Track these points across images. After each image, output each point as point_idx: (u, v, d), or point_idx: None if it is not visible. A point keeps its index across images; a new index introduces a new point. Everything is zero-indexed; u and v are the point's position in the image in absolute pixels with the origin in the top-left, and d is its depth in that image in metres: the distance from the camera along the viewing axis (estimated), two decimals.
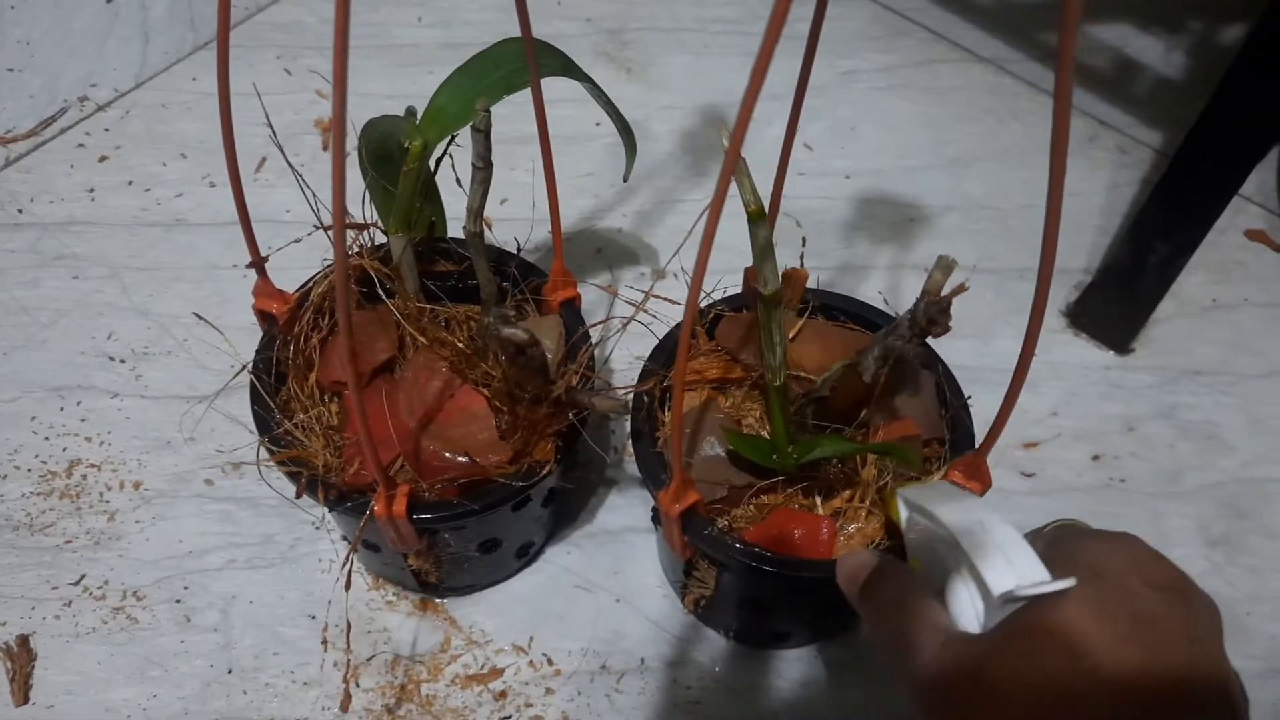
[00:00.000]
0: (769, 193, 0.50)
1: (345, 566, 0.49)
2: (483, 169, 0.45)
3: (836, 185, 0.82)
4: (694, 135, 0.85)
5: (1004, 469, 0.65)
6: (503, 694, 0.55)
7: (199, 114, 0.83)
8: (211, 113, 0.74)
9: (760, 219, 0.41)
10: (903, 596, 0.38)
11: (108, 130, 0.82)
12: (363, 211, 0.52)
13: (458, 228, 0.50)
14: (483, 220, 0.48)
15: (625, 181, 0.56)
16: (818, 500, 0.51)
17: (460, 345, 0.54)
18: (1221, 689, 0.31)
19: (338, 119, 0.30)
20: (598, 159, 0.82)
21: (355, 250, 0.54)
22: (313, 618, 0.57)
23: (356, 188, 0.46)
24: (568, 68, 0.51)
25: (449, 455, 0.49)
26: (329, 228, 0.48)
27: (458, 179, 0.50)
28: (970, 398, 0.52)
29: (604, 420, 0.66)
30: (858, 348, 0.46)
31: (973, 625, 0.35)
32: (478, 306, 0.56)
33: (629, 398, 0.52)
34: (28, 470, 0.62)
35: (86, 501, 0.61)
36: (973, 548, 0.35)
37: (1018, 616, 0.32)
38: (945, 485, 0.45)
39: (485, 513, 0.48)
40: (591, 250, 0.76)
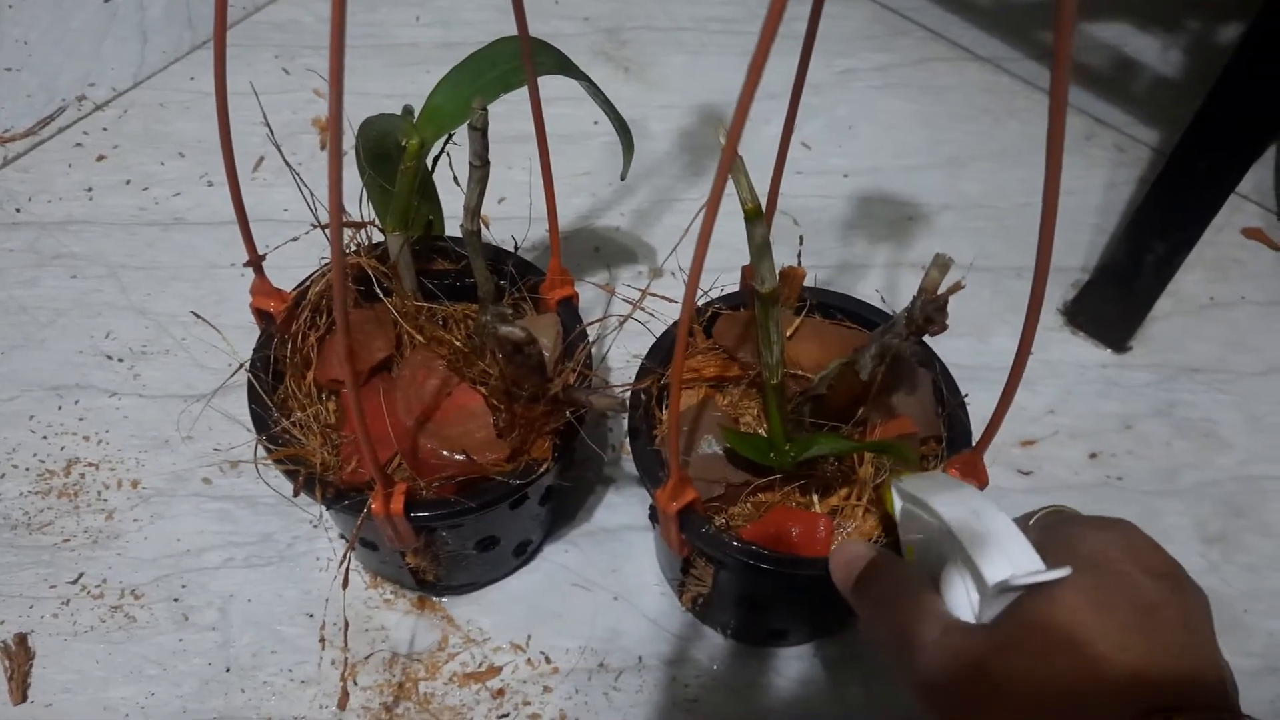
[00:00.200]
0: (766, 191, 0.50)
1: (343, 565, 0.49)
2: (480, 167, 0.45)
3: (834, 184, 0.82)
4: (691, 134, 0.85)
5: (1001, 467, 0.65)
6: (500, 692, 0.55)
7: (197, 113, 0.83)
8: (209, 112, 0.74)
9: (757, 217, 0.41)
10: (899, 589, 0.38)
11: (106, 129, 0.82)
12: (360, 210, 0.52)
13: (455, 226, 0.50)
14: (480, 219, 0.48)
15: (623, 180, 0.56)
16: (815, 498, 0.51)
17: (458, 344, 0.54)
18: (1218, 676, 0.31)
19: (334, 118, 0.30)
20: (595, 158, 0.82)
21: (353, 249, 0.54)
22: (310, 616, 0.57)
23: (354, 186, 0.46)
24: (565, 66, 0.51)
25: (446, 453, 0.49)
26: (326, 226, 0.48)
27: (455, 177, 0.50)
28: (967, 396, 0.52)
29: (601, 418, 0.66)
30: (855, 346, 0.46)
31: (967, 615, 0.35)
32: (475, 305, 0.56)
33: (626, 396, 0.52)
34: (26, 469, 0.62)
35: (84, 500, 0.61)
36: (967, 537, 0.35)
37: (1018, 607, 0.33)
38: (940, 475, 0.45)
39: (483, 511, 0.48)
40: (589, 249, 0.76)
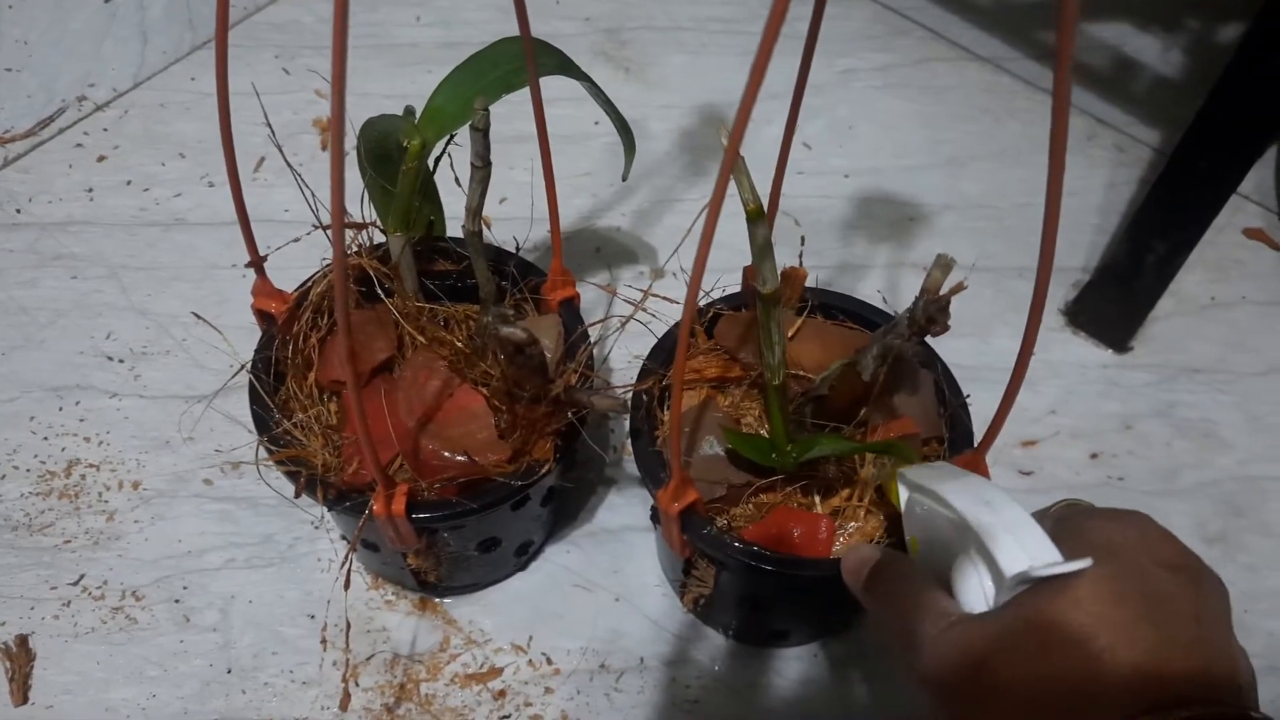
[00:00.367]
0: (768, 192, 0.50)
1: (344, 566, 0.49)
2: (481, 168, 0.45)
3: (835, 184, 0.82)
4: (692, 134, 0.85)
5: (1002, 467, 0.65)
6: (502, 693, 0.55)
7: (197, 114, 0.83)
8: (210, 112, 0.74)
9: (759, 218, 0.41)
10: (904, 586, 0.38)
11: (106, 130, 0.82)
12: (361, 211, 0.52)
13: (456, 227, 0.50)
14: (481, 219, 0.48)
15: (624, 181, 0.56)
16: (816, 499, 0.51)
17: (459, 344, 0.54)
18: (1229, 668, 0.31)
19: (336, 119, 0.30)
20: (596, 158, 0.82)
21: (354, 249, 0.54)
22: (312, 617, 0.57)
23: (355, 187, 0.46)
24: (566, 67, 0.51)
25: (448, 454, 0.49)
26: (328, 227, 0.48)
27: (456, 178, 0.50)
28: (969, 396, 0.52)
29: (603, 419, 0.66)
30: (856, 346, 0.46)
31: (980, 605, 0.35)
32: (476, 306, 0.56)
33: (628, 396, 0.52)
34: (26, 470, 0.62)
35: (85, 501, 0.61)
36: (982, 527, 0.35)
37: (1026, 597, 0.32)
38: (946, 466, 0.45)
39: (484, 512, 0.48)
40: (590, 249, 0.76)
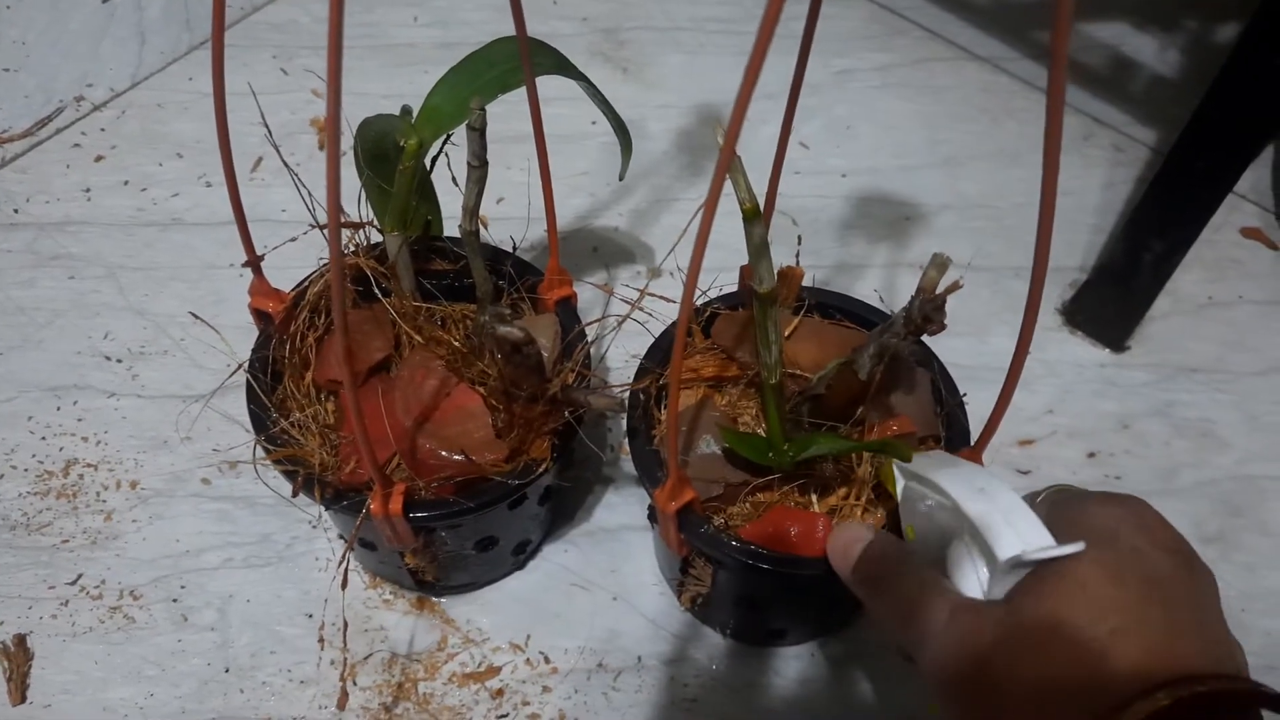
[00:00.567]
0: (764, 191, 0.50)
1: (342, 565, 0.50)
2: (478, 168, 0.45)
3: (832, 184, 0.82)
4: (689, 134, 0.85)
5: (999, 466, 0.66)
6: (500, 692, 0.55)
7: (195, 114, 0.83)
8: (207, 112, 0.74)
9: (755, 217, 0.41)
10: (902, 571, 0.38)
11: (104, 130, 0.82)
12: (358, 210, 0.52)
13: (453, 226, 0.50)
14: (478, 219, 0.48)
15: (621, 180, 0.56)
16: (813, 498, 0.51)
17: (456, 344, 0.54)
18: (1230, 650, 0.31)
19: (333, 119, 0.30)
20: (593, 158, 0.82)
21: (351, 249, 0.54)
22: (310, 616, 0.57)
23: (352, 187, 0.46)
24: (563, 66, 0.51)
25: (445, 453, 0.49)
26: (325, 227, 0.48)
27: (453, 178, 0.50)
28: (966, 395, 0.52)
29: (600, 418, 0.66)
30: (853, 346, 0.46)
31: (975, 591, 0.35)
32: (474, 305, 0.56)
33: (625, 396, 0.52)
34: (24, 470, 0.62)
35: (83, 501, 0.61)
36: (976, 513, 0.35)
37: (1030, 582, 0.32)
38: (941, 454, 0.45)
39: (481, 511, 0.48)
40: (587, 249, 0.76)
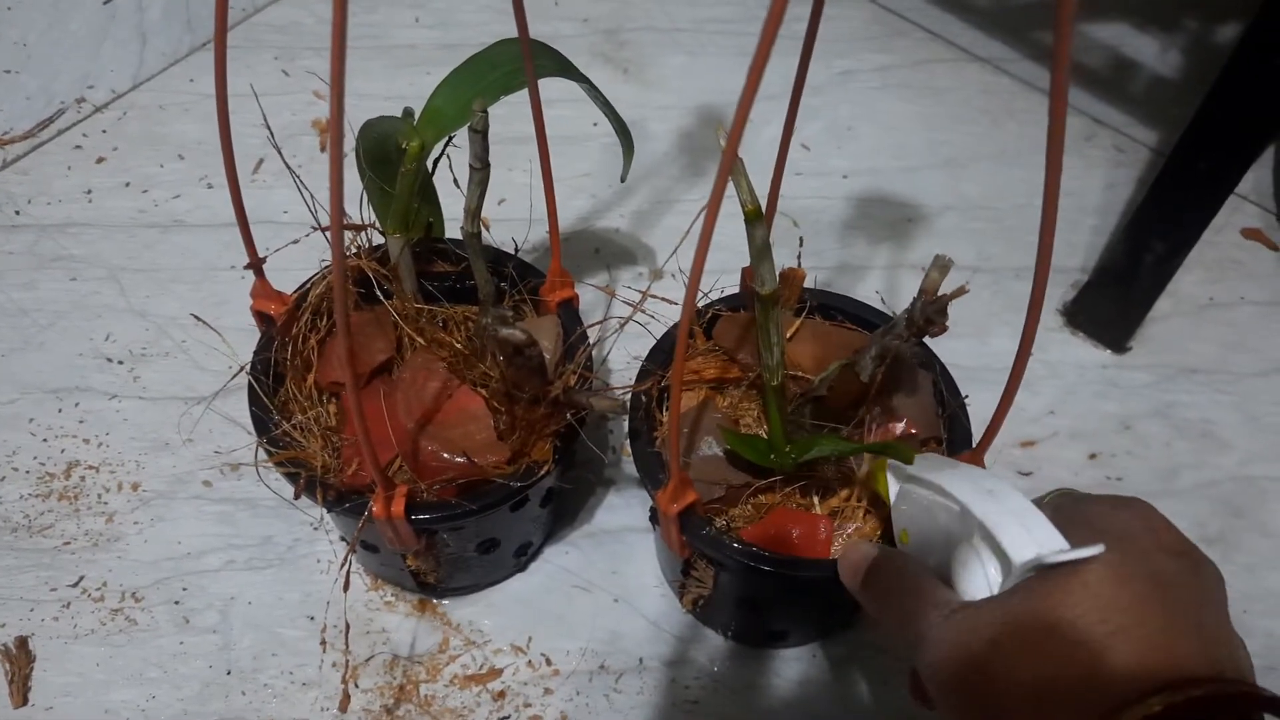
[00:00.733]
0: (766, 193, 0.50)
1: (344, 567, 0.49)
2: (480, 170, 0.45)
3: (834, 185, 0.82)
4: (691, 135, 0.85)
5: (1001, 468, 0.66)
6: (501, 694, 0.55)
7: (196, 115, 0.83)
8: (209, 114, 0.74)
9: (757, 219, 0.41)
10: (901, 579, 0.38)
11: (105, 132, 0.82)
12: (360, 212, 0.52)
13: (455, 228, 0.50)
14: (480, 221, 0.48)
15: (623, 182, 0.56)
16: (815, 499, 0.51)
17: (458, 346, 0.54)
18: (1233, 652, 0.31)
19: (335, 121, 0.30)
20: (595, 159, 0.82)
21: (353, 251, 0.54)
22: (311, 618, 0.57)
23: (354, 189, 0.46)
24: (565, 68, 0.51)
25: (447, 456, 0.49)
26: (327, 229, 0.48)
27: (455, 180, 0.50)
28: (967, 397, 0.52)
29: (602, 420, 0.66)
30: (855, 347, 0.46)
31: (984, 592, 0.35)
32: (475, 307, 0.56)
33: (626, 398, 0.52)
34: (26, 472, 0.62)
35: (85, 503, 0.61)
36: (986, 516, 0.35)
37: (1033, 584, 0.32)
38: (939, 456, 0.45)
39: (483, 513, 0.48)
40: (589, 250, 0.76)
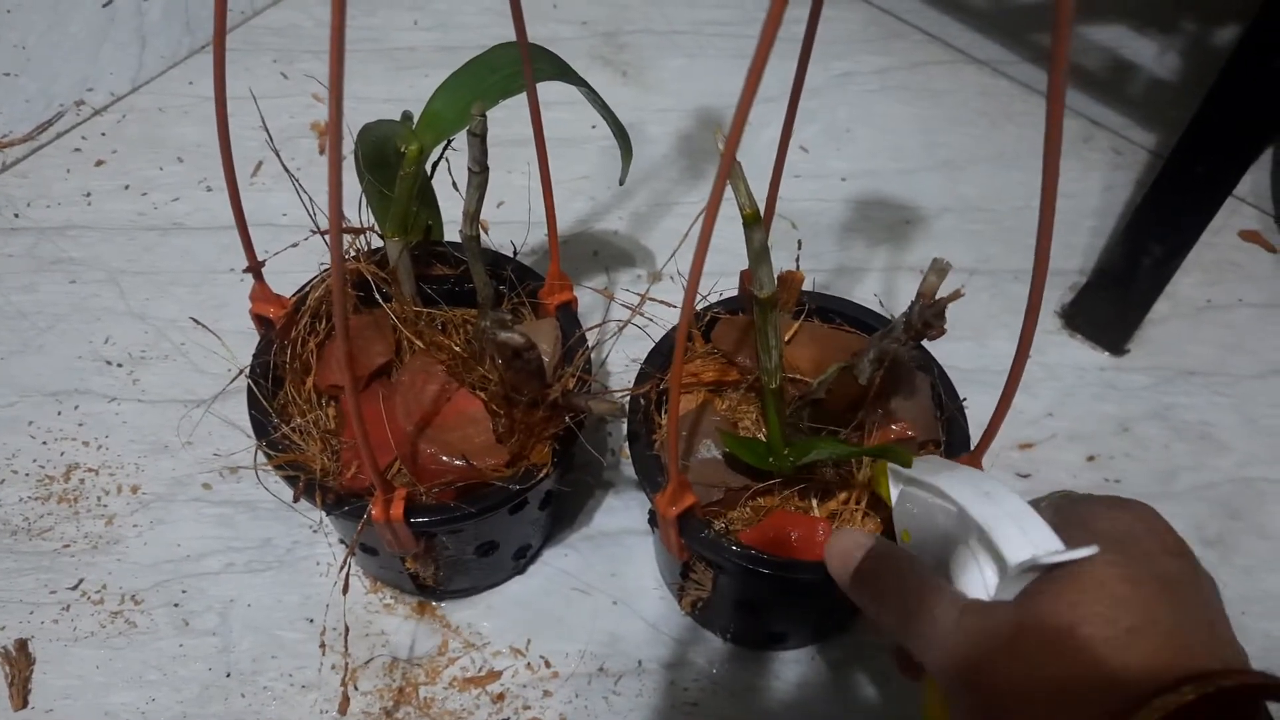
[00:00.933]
0: (764, 196, 0.50)
1: (343, 570, 0.50)
2: (479, 173, 0.45)
3: (832, 187, 0.82)
4: (689, 138, 0.85)
5: (999, 470, 0.66)
6: (500, 696, 0.55)
7: (195, 118, 0.83)
8: (207, 117, 0.74)
9: (756, 223, 0.41)
10: (906, 576, 0.38)
11: (104, 134, 0.82)
12: (359, 215, 0.52)
13: (454, 231, 0.50)
14: (479, 224, 0.48)
15: (621, 185, 0.56)
16: (814, 502, 0.51)
17: (457, 349, 0.54)
18: (1238, 650, 0.31)
19: (334, 125, 0.30)
20: (593, 162, 0.82)
21: (352, 254, 0.54)
22: (311, 621, 0.57)
23: (352, 191, 0.46)
24: (564, 72, 0.51)
25: (446, 458, 0.49)
26: (326, 232, 0.48)
27: (454, 182, 0.50)
28: (965, 399, 0.52)
29: (600, 423, 0.66)
30: (853, 350, 0.46)
31: (980, 594, 0.35)
32: (474, 310, 0.56)
33: (625, 401, 0.52)
34: (25, 474, 0.62)
35: (84, 506, 0.61)
36: (983, 518, 0.35)
37: (1042, 583, 0.33)
38: (938, 458, 0.45)
39: (482, 516, 0.48)
40: (588, 253, 0.76)
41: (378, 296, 0.54)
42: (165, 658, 0.56)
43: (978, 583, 0.35)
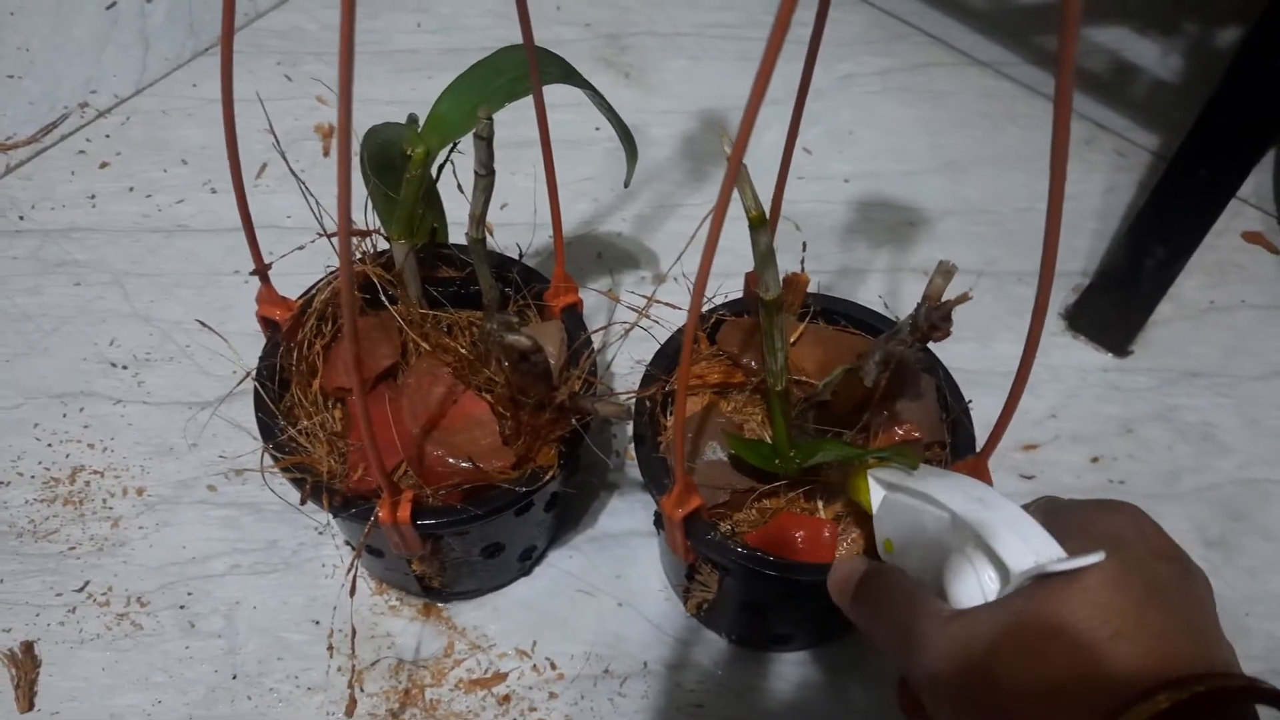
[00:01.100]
0: (769, 198, 0.50)
1: (350, 573, 0.50)
2: (485, 176, 0.45)
3: (835, 189, 0.82)
4: (693, 139, 0.85)
5: (1004, 471, 0.66)
6: (506, 698, 0.55)
7: (199, 120, 0.84)
8: (211, 119, 0.74)
9: (761, 225, 0.41)
10: (893, 591, 0.38)
11: (108, 136, 0.82)
12: (365, 218, 0.52)
13: (459, 233, 0.50)
14: (485, 227, 0.48)
15: (626, 187, 0.56)
16: (819, 504, 0.51)
17: (463, 351, 0.54)
18: (1228, 654, 0.31)
19: (343, 129, 0.30)
20: (597, 163, 0.82)
21: (358, 257, 0.54)
22: (317, 623, 0.58)
23: (358, 194, 0.46)
24: (569, 75, 0.51)
25: (452, 461, 0.49)
26: (333, 235, 0.48)
27: (459, 185, 0.50)
28: (970, 401, 0.52)
29: (606, 425, 0.66)
30: (858, 352, 0.46)
31: (978, 601, 0.35)
32: (480, 312, 0.56)
33: (631, 403, 0.52)
34: (31, 477, 0.62)
35: (90, 508, 0.61)
36: (980, 524, 0.35)
37: (1034, 590, 0.33)
38: (922, 465, 0.45)
39: (489, 518, 0.48)
40: (592, 254, 0.76)
41: (383, 299, 0.54)
42: (171, 660, 0.56)
43: (975, 590, 0.35)
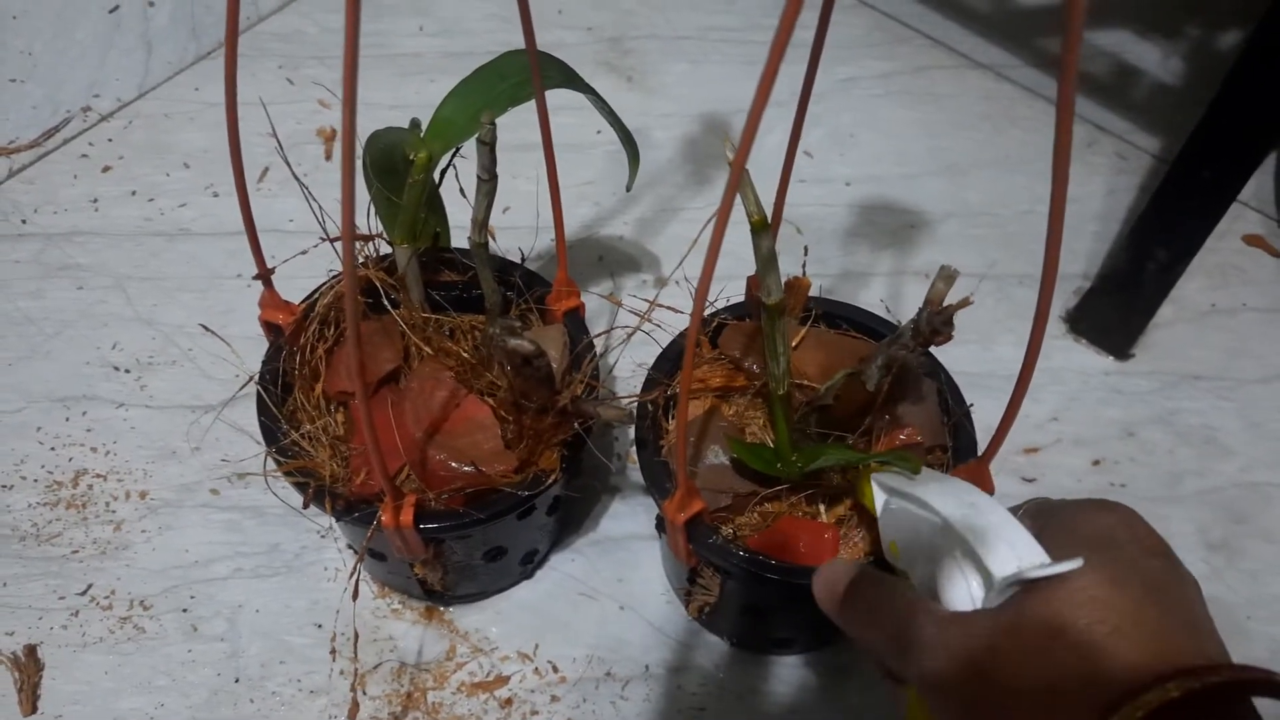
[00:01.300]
0: (771, 201, 0.50)
1: (352, 577, 0.50)
2: (487, 181, 0.45)
3: (836, 192, 0.82)
4: (694, 143, 0.85)
5: (1005, 475, 0.66)
6: (508, 701, 0.56)
7: (202, 123, 0.84)
8: (214, 122, 0.74)
9: (764, 229, 0.42)
10: (886, 596, 0.38)
11: (111, 140, 0.82)
12: (368, 222, 0.52)
13: (462, 237, 0.50)
14: (487, 231, 0.48)
15: (628, 191, 0.56)
16: (821, 508, 0.51)
17: (465, 355, 0.54)
18: (1222, 649, 0.32)
19: (348, 133, 0.31)
20: (599, 167, 0.82)
21: (360, 261, 0.54)
22: (319, 626, 0.58)
23: (361, 199, 0.46)
24: (571, 80, 0.51)
25: (455, 465, 0.49)
26: (335, 239, 0.48)
27: (461, 189, 0.50)
28: (972, 405, 0.52)
29: (607, 428, 0.66)
30: (860, 356, 0.47)
31: (967, 606, 0.35)
32: (482, 316, 0.56)
33: (633, 407, 0.52)
34: (34, 480, 0.63)
35: (93, 511, 0.61)
36: (969, 531, 0.35)
37: (1032, 591, 0.33)
38: (922, 469, 0.45)
39: (491, 522, 0.48)
40: (593, 258, 0.76)
41: (386, 303, 0.54)
42: (174, 663, 0.56)
43: (964, 595, 0.35)
